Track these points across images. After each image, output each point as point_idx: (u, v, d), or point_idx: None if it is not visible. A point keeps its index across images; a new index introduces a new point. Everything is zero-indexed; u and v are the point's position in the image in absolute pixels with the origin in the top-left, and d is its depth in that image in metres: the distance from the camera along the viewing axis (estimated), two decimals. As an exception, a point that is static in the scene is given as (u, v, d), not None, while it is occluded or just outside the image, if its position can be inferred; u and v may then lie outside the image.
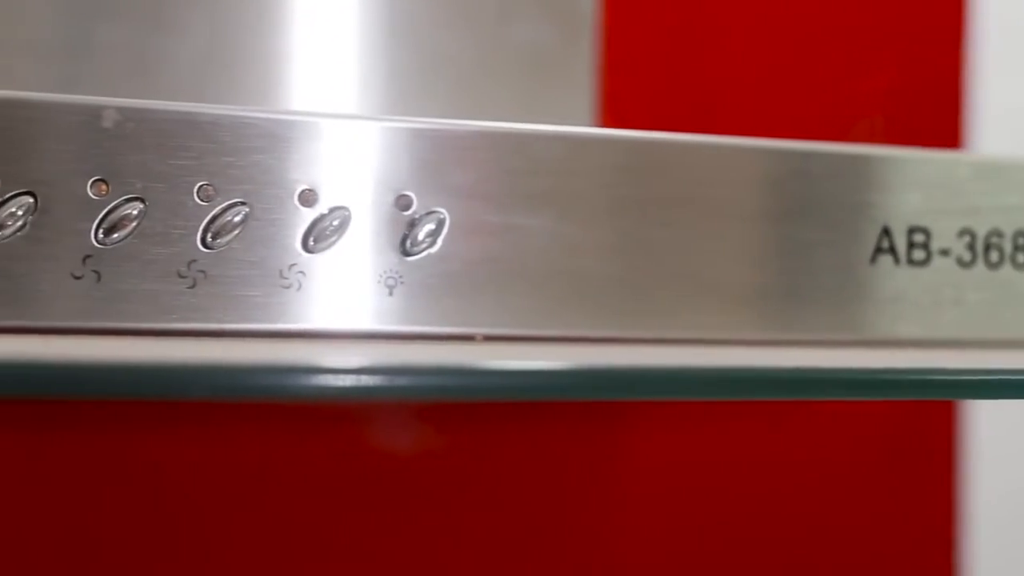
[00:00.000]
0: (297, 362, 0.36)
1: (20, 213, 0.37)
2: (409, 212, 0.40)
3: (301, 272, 0.39)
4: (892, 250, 0.43)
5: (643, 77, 0.65)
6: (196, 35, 0.57)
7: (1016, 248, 0.45)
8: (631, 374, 0.39)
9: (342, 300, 0.39)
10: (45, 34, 0.54)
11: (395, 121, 0.40)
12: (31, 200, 0.37)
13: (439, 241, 0.40)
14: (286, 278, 0.39)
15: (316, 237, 0.39)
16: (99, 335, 0.37)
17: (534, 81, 0.60)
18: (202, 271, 0.38)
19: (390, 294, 0.40)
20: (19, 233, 0.37)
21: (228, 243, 0.38)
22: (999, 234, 0.44)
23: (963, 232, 0.44)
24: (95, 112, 0.37)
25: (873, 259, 0.43)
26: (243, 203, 0.38)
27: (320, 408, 0.58)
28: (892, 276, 0.43)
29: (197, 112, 0.38)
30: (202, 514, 0.59)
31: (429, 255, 0.40)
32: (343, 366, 0.37)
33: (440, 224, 0.40)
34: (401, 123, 0.40)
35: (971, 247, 0.44)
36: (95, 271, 0.37)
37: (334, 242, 0.39)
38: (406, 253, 0.40)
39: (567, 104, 0.60)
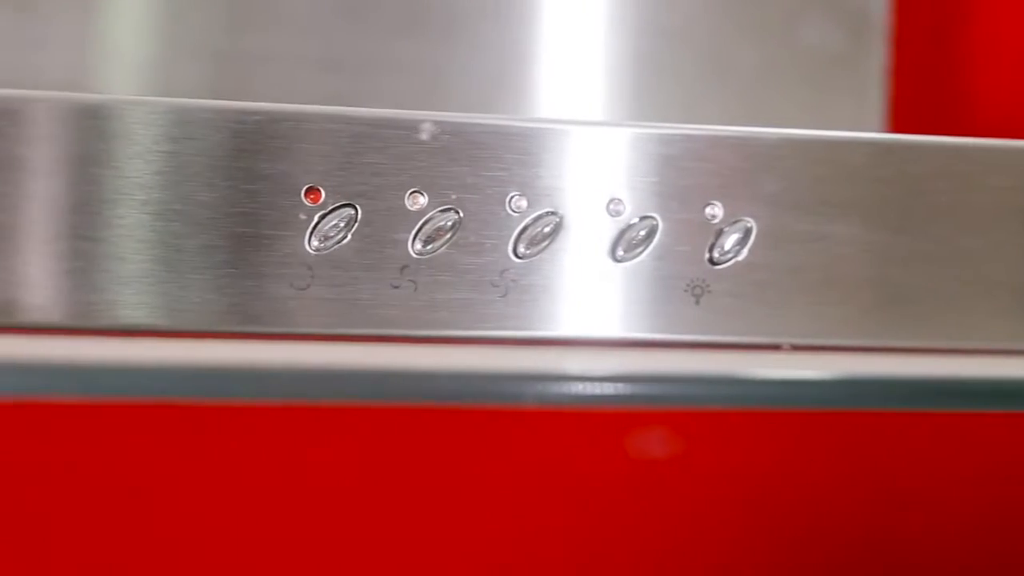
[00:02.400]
0: (611, 371, 0.37)
1: (342, 225, 0.38)
2: (717, 221, 0.39)
3: (609, 281, 0.39)
4: None
5: (933, 80, 0.64)
6: (465, 47, 0.58)
7: None
8: (945, 385, 0.38)
9: (649, 309, 0.39)
10: (341, 51, 0.56)
11: (702, 129, 0.40)
12: (352, 212, 0.38)
13: (745, 250, 0.40)
14: (594, 287, 0.39)
15: (625, 246, 0.39)
16: (417, 343, 0.38)
17: (822, 86, 0.60)
18: (514, 280, 0.39)
19: (697, 303, 0.40)
20: (341, 244, 0.38)
21: (539, 253, 0.39)
22: None
23: None
24: (413, 126, 0.38)
25: None
26: (553, 213, 0.39)
27: (594, 415, 0.59)
28: None
29: (508, 124, 0.39)
30: (485, 518, 0.60)
31: (736, 264, 0.40)
32: (653, 374, 0.38)
33: (747, 233, 0.40)
34: (708, 131, 0.40)
35: None
36: (412, 281, 0.38)
37: (641, 252, 0.39)
38: (713, 262, 0.40)
39: (856, 109, 0.59)
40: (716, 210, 0.40)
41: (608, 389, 0.38)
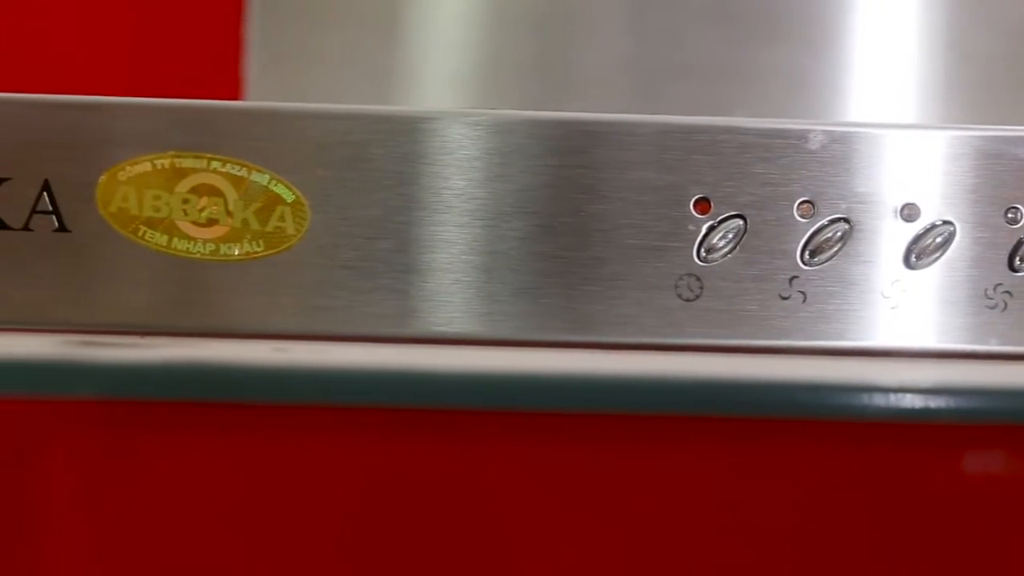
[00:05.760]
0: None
1: (731, 236, 0.38)
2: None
3: (1008, 293, 0.38)
4: None
5: None
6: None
7: None
8: None
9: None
10: (704, 59, 0.56)
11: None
12: (741, 223, 0.38)
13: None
14: (991, 298, 0.38)
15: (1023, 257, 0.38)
16: (807, 355, 0.38)
17: None
18: (905, 291, 0.38)
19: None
20: (729, 255, 0.38)
21: (932, 263, 0.38)
22: None
23: None
24: (802, 135, 0.38)
25: None
26: (947, 222, 0.38)
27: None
28: None
29: (898, 132, 0.38)
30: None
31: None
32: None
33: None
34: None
35: None
36: (801, 292, 0.38)
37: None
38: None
39: None
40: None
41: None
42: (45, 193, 0.37)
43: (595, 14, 0.60)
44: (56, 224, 0.37)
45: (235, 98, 0.57)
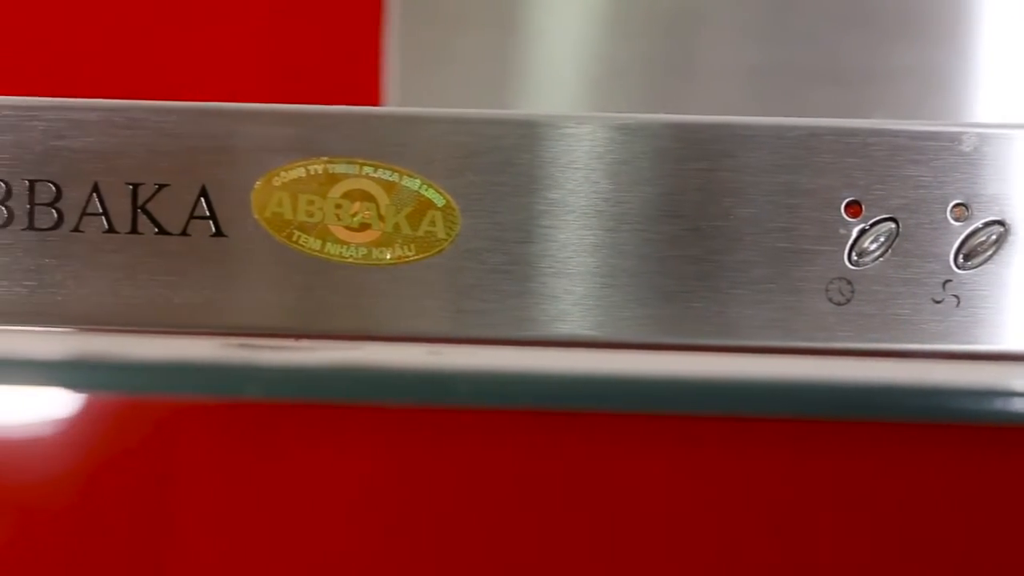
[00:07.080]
0: None
1: (883, 239, 0.38)
2: None
3: None
4: None
5: None
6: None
7: None
8: None
9: None
10: (838, 62, 0.55)
11: None
12: (893, 226, 0.38)
13: None
14: None
15: None
16: (961, 359, 0.37)
17: None
18: (1062, 295, 0.38)
19: None
20: (881, 259, 0.38)
21: (1089, 266, 0.37)
22: None
23: None
24: (955, 137, 0.38)
25: None
26: (1108, 226, 0.37)
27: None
28: None
29: (1055, 133, 0.38)
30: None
31: None
32: None
33: None
34: None
35: None
36: (955, 296, 0.38)
37: None
38: None
39: None
40: None
41: None
42: (202, 199, 0.38)
43: (724, 17, 0.60)
44: (213, 229, 0.38)
45: (374, 103, 0.57)
